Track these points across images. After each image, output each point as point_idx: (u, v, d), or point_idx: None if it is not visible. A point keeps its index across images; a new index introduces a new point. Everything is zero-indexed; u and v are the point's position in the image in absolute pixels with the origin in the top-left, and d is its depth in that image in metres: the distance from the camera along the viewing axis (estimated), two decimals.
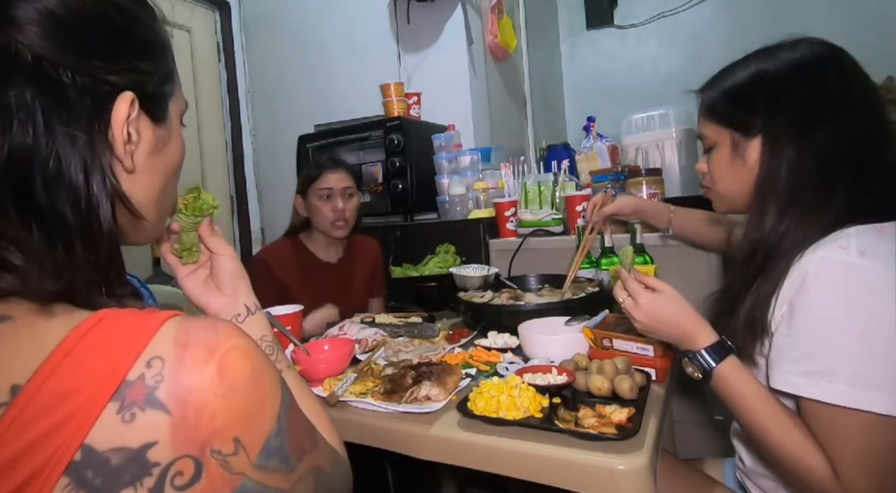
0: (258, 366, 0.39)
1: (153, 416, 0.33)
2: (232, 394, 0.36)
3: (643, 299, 0.79)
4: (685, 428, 1.46)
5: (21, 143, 0.35)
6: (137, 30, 0.42)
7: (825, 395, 0.63)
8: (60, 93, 0.36)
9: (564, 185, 1.78)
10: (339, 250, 1.64)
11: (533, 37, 2.78)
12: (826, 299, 0.64)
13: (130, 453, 0.32)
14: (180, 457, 0.33)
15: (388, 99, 2.04)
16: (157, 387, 0.33)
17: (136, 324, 0.35)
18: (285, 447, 0.40)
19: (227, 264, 0.65)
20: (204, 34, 2.66)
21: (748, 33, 2.92)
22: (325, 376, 0.95)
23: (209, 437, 0.34)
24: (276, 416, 0.39)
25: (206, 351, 0.36)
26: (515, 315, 1.15)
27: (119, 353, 0.34)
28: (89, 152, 0.38)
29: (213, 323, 0.38)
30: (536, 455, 0.69)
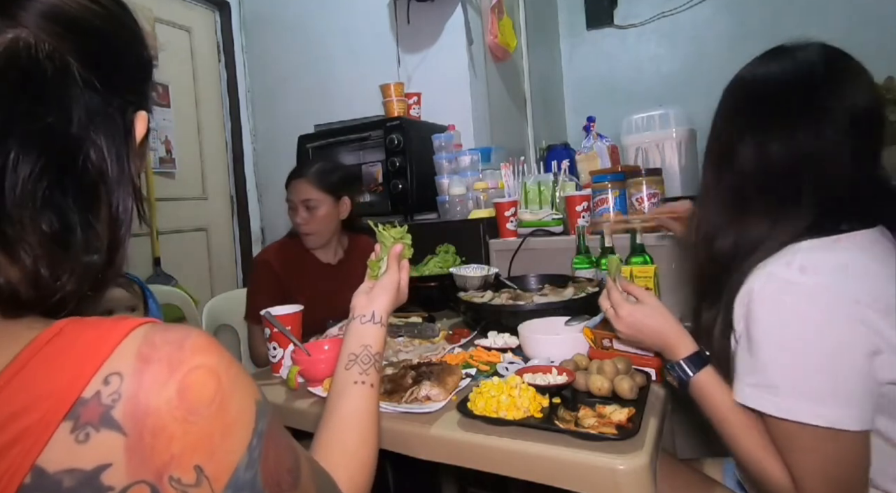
0: (226, 388, 0.36)
1: (108, 437, 0.31)
2: (192, 417, 0.33)
3: (624, 311, 0.81)
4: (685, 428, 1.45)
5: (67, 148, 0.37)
6: (142, 52, 0.45)
7: (771, 408, 0.64)
8: (98, 108, 0.38)
9: (564, 185, 1.78)
10: (340, 252, 1.64)
11: (533, 37, 2.78)
12: (766, 315, 0.65)
13: (83, 475, 0.30)
14: (136, 482, 0.31)
15: (388, 99, 2.04)
16: (114, 406, 0.31)
17: (97, 336, 0.33)
18: (257, 481, 0.36)
19: (388, 278, 0.75)
20: (204, 34, 2.66)
21: (748, 33, 2.92)
22: (325, 376, 0.95)
23: (166, 463, 0.32)
24: (247, 445, 0.36)
25: (168, 369, 0.33)
26: (515, 315, 1.15)
27: (76, 368, 0.32)
28: (119, 165, 0.40)
29: (183, 336, 0.35)
30: (536, 455, 0.69)
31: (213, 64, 2.69)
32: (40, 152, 0.35)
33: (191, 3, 2.59)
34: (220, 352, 0.37)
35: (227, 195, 2.74)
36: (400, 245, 0.79)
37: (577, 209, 1.62)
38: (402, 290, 0.78)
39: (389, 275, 0.76)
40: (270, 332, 1.07)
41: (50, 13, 0.36)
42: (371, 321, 0.71)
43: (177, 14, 2.51)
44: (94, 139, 0.38)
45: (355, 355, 0.67)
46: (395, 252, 0.78)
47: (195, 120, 2.58)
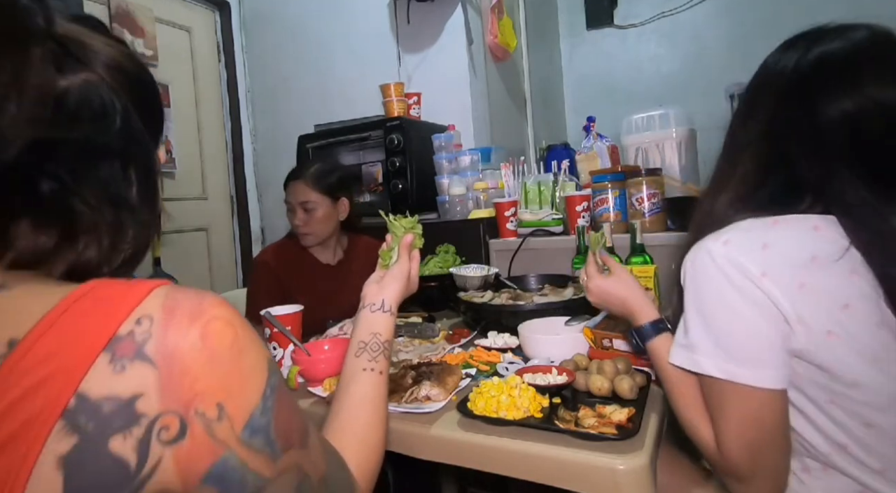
0: (242, 339, 0.41)
1: (141, 369, 0.36)
2: (214, 361, 0.38)
3: (594, 282, 0.90)
4: None
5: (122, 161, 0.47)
6: (161, 106, 0.55)
7: (688, 363, 0.68)
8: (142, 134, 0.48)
9: (564, 185, 1.78)
10: (340, 252, 1.64)
11: (533, 37, 2.78)
12: (688, 280, 0.70)
13: (120, 402, 0.35)
14: (166, 412, 0.36)
15: (388, 99, 2.04)
16: (146, 343, 0.36)
17: (127, 289, 0.39)
18: (270, 429, 0.41)
19: (399, 267, 0.77)
20: (204, 34, 2.66)
21: (748, 33, 2.92)
22: (325, 376, 0.95)
23: (192, 398, 0.37)
24: (262, 393, 0.41)
25: (190, 318, 0.38)
26: (515, 315, 1.15)
27: (110, 312, 0.37)
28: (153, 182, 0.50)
29: (200, 294, 0.41)
30: (536, 455, 0.69)
31: (213, 64, 2.69)
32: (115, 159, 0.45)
33: (191, 3, 2.59)
34: (234, 310, 0.42)
35: (227, 195, 2.74)
36: (411, 235, 0.80)
37: (577, 209, 1.62)
38: (413, 279, 0.79)
39: (400, 264, 0.77)
40: (270, 332, 1.07)
41: (112, 64, 0.46)
42: (381, 310, 0.72)
43: (177, 14, 2.51)
44: (137, 158, 0.48)
45: (364, 342, 0.68)
46: (406, 242, 0.79)
47: (195, 120, 2.58)
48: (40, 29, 0.41)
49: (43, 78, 0.40)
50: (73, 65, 0.43)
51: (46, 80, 0.41)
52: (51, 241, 0.42)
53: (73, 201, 0.42)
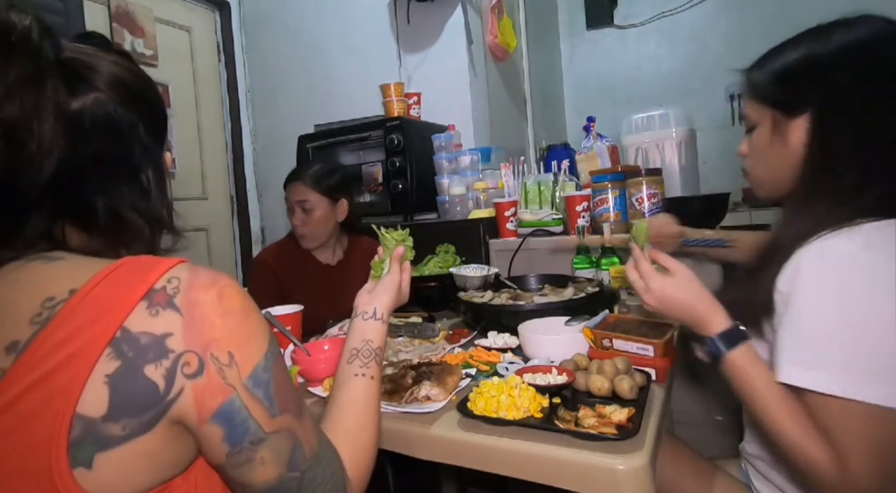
0: (248, 305, 0.50)
1: (172, 315, 0.45)
2: (227, 315, 0.47)
3: (655, 284, 0.77)
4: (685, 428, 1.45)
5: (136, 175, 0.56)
6: (165, 111, 0.61)
7: (819, 385, 0.62)
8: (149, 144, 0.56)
9: (564, 185, 1.78)
10: (339, 253, 1.64)
11: (533, 37, 2.78)
12: (821, 288, 0.63)
13: (154, 338, 0.44)
14: (188, 351, 0.45)
15: (388, 99, 2.04)
16: (175, 295, 0.45)
17: (158, 260, 0.48)
18: (270, 386, 0.49)
19: (390, 278, 0.79)
20: (204, 34, 2.66)
21: (748, 33, 2.92)
22: (325, 376, 0.95)
23: (209, 342, 0.45)
24: (264, 354, 0.49)
25: (210, 281, 0.48)
26: (515, 315, 1.15)
27: (147, 272, 0.46)
28: (164, 187, 0.58)
29: (216, 271, 0.50)
30: (536, 455, 0.69)
31: (213, 64, 2.69)
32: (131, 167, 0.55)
33: (191, 3, 2.59)
34: (241, 287, 0.51)
35: (227, 195, 2.74)
36: (402, 247, 0.81)
37: (577, 209, 1.62)
38: (404, 290, 0.81)
39: (391, 275, 0.79)
40: None
41: (116, 82, 0.52)
42: (373, 318, 0.74)
43: (177, 14, 2.51)
44: (147, 168, 0.56)
45: (357, 349, 0.70)
46: (398, 254, 0.81)
47: (195, 120, 2.58)
48: (51, 61, 0.47)
49: (58, 104, 0.47)
50: (83, 87, 0.50)
51: (62, 106, 0.48)
52: (95, 242, 0.53)
53: (98, 203, 0.51)
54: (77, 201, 0.51)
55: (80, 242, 0.52)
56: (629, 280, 0.82)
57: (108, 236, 0.53)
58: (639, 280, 0.80)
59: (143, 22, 2.29)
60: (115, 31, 2.19)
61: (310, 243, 1.54)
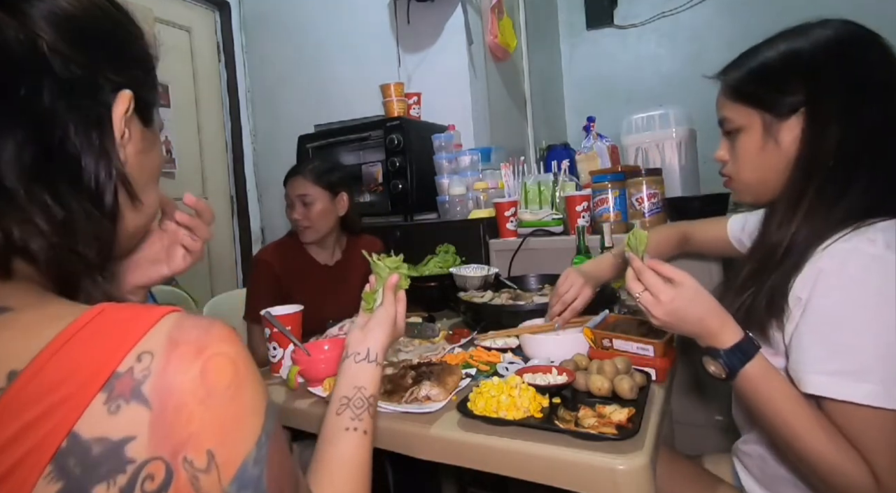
0: (242, 378, 0.38)
1: (135, 410, 0.33)
2: (209, 400, 0.35)
3: (665, 296, 0.71)
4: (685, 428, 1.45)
5: (41, 129, 0.39)
6: (132, 40, 0.47)
7: (855, 395, 0.59)
8: (74, 85, 0.40)
9: (564, 185, 1.78)
10: (338, 253, 1.64)
11: (533, 37, 2.78)
12: (852, 293, 0.61)
13: (110, 445, 0.33)
14: (154, 458, 0.33)
15: (388, 99, 2.04)
16: (144, 381, 0.34)
17: (133, 318, 0.36)
18: (262, 482, 0.37)
19: (384, 311, 0.72)
20: (204, 34, 2.66)
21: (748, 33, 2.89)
22: (325, 376, 0.95)
23: (184, 441, 0.34)
24: (256, 440, 0.38)
25: (194, 351, 0.36)
26: (515, 315, 1.15)
27: (113, 345, 0.35)
28: (99, 139, 0.41)
29: (210, 324, 0.38)
30: (536, 455, 0.69)
31: (213, 64, 2.69)
32: (17, 127, 0.37)
33: (191, 3, 2.59)
34: (240, 345, 0.39)
35: (227, 195, 2.74)
36: (396, 276, 0.75)
37: (577, 209, 1.62)
38: (399, 324, 0.74)
39: (385, 308, 0.72)
40: (270, 332, 1.07)
41: (35, 2, 0.38)
42: (366, 359, 0.66)
43: (177, 14, 2.51)
44: (64, 113, 0.39)
45: (347, 398, 0.62)
46: (391, 283, 0.74)
47: (195, 120, 2.58)
48: None
49: None
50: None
51: None
52: None
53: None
54: None
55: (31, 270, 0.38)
56: (632, 293, 0.75)
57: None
58: (644, 293, 0.73)
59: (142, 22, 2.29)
60: None
61: (311, 236, 1.54)
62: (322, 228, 1.54)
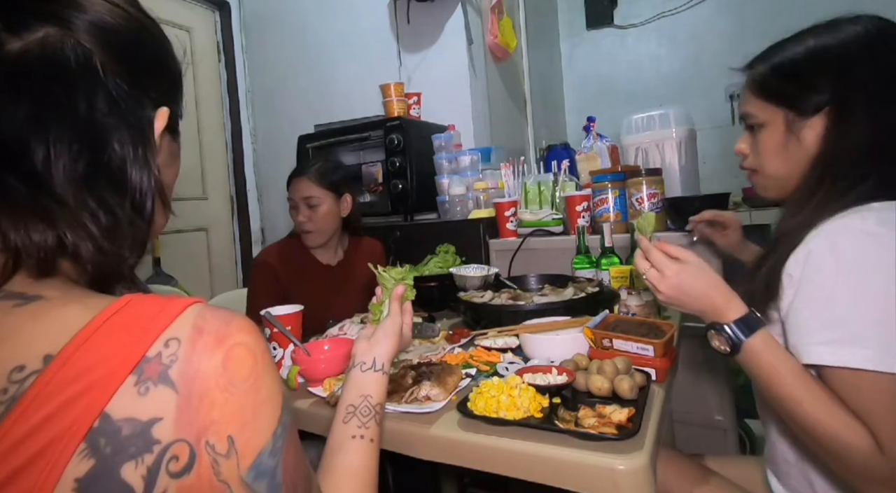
0: (260, 370, 0.39)
1: (163, 392, 0.35)
2: (231, 388, 0.37)
3: (670, 270, 0.75)
4: (685, 428, 1.46)
5: (94, 141, 0.41)
6: (170, 57, 0.50)
7: (853, 361, 0.61)
8: (124, 100, 0.43)
9: (564, 185, 1.78)
10: (340, 253, 1.64)
11: (533, 37, 2.78)
12: (845, 265, 0.63)
13: (139, 425, 0.34)
14: (179, 440, 0.35)
15: (388, 99, 2.04)
16: (171, 366, 0.36)
17: (160, 307, 0.38)
18: (277, 473, 0.39)
19: (390, 322, 0.73)
20: (204, 34, 2.66)
21: (748, 33, 2.92)
22: (325, 376, 0.95)
23: (206, 426, 0.36)
24: (273, 431, 0.39)
25: (217, 340, 0.38)
26: (515, 315, 1.15)
27: (142, 332, 0.36)
28: (143, 152, 0.44)
29: (230, 316, 0.40)
30: (536, 455, 0.69)
31: (213, 64, 2.69)
32: (71, 135, 0.39)
33: (191, 3, 2.59)
34: (259, 337, 0.41)
35: (227, 195, 2.74)
36: (402, 286, 0.76)
37: (577, 209, 1.62)
38: (406, 334, 0.75)
39: (391, 318, 0.73)
40: (270, 332, 1.07)
41: (78, 13, 0.40)
42: (372, 369, 0.67)
43: (177, 14, 2.51)
44: (114, 126, 0.42)
45: (354, 406, 0.63)
46: (397, 294, 0.75)
47: (195, 120, 2.58)
48: None
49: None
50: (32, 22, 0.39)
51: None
52: (40, 235, 0.38)
53: (33, 183, 0.38)
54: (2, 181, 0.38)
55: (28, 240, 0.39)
56: (639, 270, 0.80)
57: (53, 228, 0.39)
58: (650, 270, 0.78)
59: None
60: None
61: (315, 240, 1.53)
62: (327, 231, 1.54)
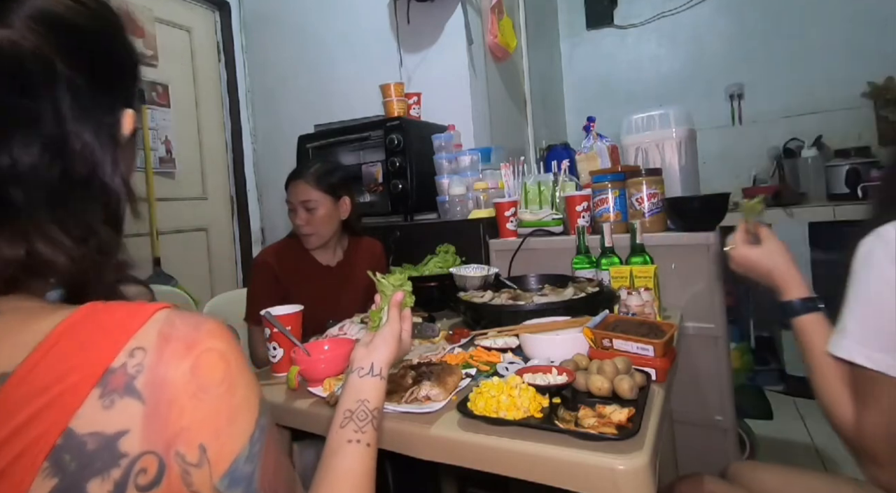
0: (234, 374, 0.38)
1: (129, 404, 0.34)
2: (202, 394, 0.36)
3: (738, 251, 0.92)
4: (685, 428, 1.45)
5: (62, 148, 0.39)
6: (131, 52, 0.47)
7: (840, 351, 0.72)
8: (90, 104, 0.41)
9: (564, 185, 1.78)
10: (339, 253, 1.64)
11: (533, 37, 2.78)
12: (857, 268, 0.72)
13: (105, 439, 0.33)
14: (147, 452, 0.34)
15: (388, 99, 2.04)
16: (137, 376, 0.35)
17: (125, 315, 0.37)
18: (254, 479, 0.38)
19: (389, 328, 0.72)
20: (204, 34, 2.66)
21: (748, 33, 2.92)
22: (325, 376, 0.95)
23: (176, 435, 0.35)
24: (250, 436, 0.38)
25: (185, 347, 0.37)
26: (515, 315, 1.15)
27: (106, 342, 0.35)
28: (111, 156, 0.42)
29: (200, 321, 0.39)
30: (536, 455, 0.69)
31: (213, 64, 2.69)
32: (37, 145, 0.38)
33: (191, 3, 2.59)
34: (231, 341, 0.40)
35: (227, 195, 2.74)
36: (401, 293, 0.76)
37: (577, 209, 1.62)
38: (405, 340, 0.74)
39: (390, 325, 0.73)
40: (270, 332, 1.07)
41: (36, 14, 0.38)
42: (370, 374, 0.67)
43: (177, 14, 2.51)
44: (82, 134, 0.40)
45: (351, 411, 0.62)
46: (396, 300, 0.75)
47: (195, 120, 2.58)
48: None
49: None
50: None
51: None
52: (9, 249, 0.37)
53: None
54: None
55: None
56: (727, 243, 0.96)
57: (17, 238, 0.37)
58: (729, 245, 0.94)
59: (142, 22, 2.30)
60: None
61: (315, 243, 1.53)
62: (326, 234, 1.53)
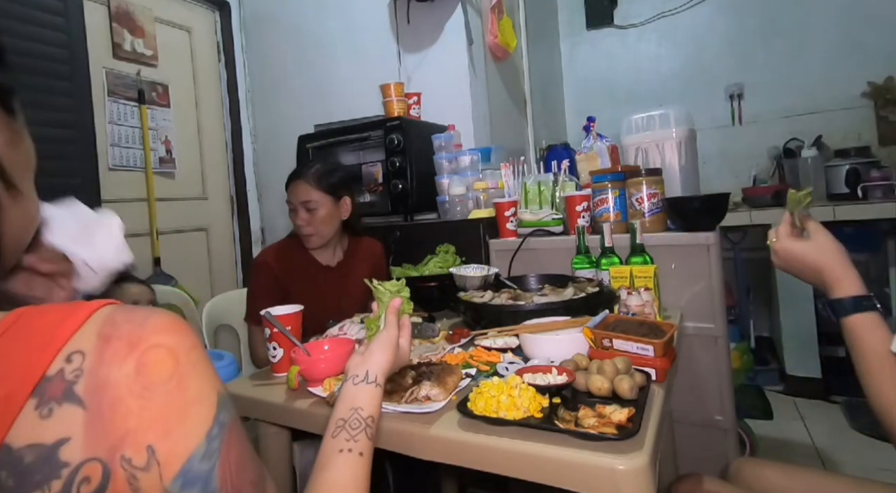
0: (184, 369, 0.36)
1: (69, 410, 0.32)
2: (147, 393, 0.34)
3: (781, 245, 0.85)
4: (685, 428, 1.45)
5: None
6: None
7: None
8: None
9: (564, 185, 1.78)
10: (339, 253, 1.64)
11: (533, 37, 2.78)
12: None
13: (44, 450, 0.31)
14: (90, 459, 0.32)
15: (388, 99, 2.04)
16: (77, 381, 0.33)
17: (59, 318, 0.34)
18: (212, 478, 0.35)
19: (386, 335, 0.70)
20: (204, 34, 2.66)
21: (748, 33, 2.92)
22: (325, 376, 0.95)
23: (121, 438, 0.33)
24: (206, 432, 0.36)
25: (128, 345, 0.34)
26: (515, 315, 1.15)
27: (39, 348, 0.33)
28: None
29: (146, 316, 0.36)
30: (536, 455, 0.69)
31: (213, 64, 2.69)
32: None
33: (191, 3, 2.59)
34: (183, 334, 0.37)
35: (227, 195, 2.74)
36: (398, 299, 0.74)
37: (577, 209, 1.62)
38: (403, 348, 0.72)
39: (387, 331, 0.71)
40: (270, 332, 1.07)
41: None
42: (364, 382, 0.64)
43: (177, 14, 2.51)
44: None
45: (343, 419, 0.60)
46: (394, 307, 0.74)
47: (195, 120, 2.58)
48: None
49: None
50: None
51: None
52: None
53: None
54: None
55: None
56: (770, 236, 0.89)
57: None
58: (772, 237, 0.88)
59: (142, 22, 2.30)
60: (115, 31, 2.19)
61: (315, 243, 1.53)
62: (326, 234, 1.53)
